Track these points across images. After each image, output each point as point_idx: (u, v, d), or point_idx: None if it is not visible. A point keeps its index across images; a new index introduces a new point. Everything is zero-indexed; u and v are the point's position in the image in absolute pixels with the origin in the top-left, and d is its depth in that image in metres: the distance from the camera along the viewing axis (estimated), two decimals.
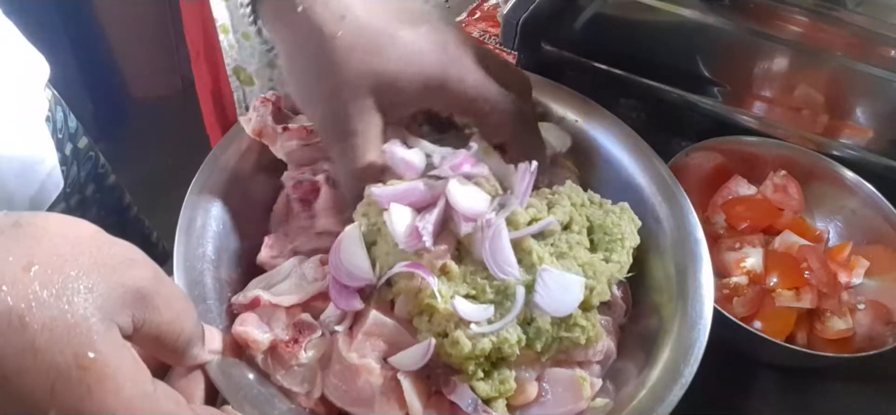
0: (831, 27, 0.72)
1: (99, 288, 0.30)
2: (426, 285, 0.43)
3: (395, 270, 0.44)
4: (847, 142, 0.73)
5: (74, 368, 0.28)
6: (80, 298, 0.29)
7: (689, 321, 0.47)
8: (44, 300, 0.28)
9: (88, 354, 0.28)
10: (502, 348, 0.43)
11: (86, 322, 0.29)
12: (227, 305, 0.46)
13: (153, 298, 0.33)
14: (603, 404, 0.45)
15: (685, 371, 0.44)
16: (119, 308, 0.31)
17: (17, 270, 0.28)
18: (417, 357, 0.43)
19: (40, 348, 0.28)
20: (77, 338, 0.28)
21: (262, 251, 0.50)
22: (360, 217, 0.47)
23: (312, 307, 0.46)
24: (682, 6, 0.75)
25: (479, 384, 0.43)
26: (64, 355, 0.28)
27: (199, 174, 0.51)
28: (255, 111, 0.54)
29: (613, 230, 0.50)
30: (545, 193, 0.51)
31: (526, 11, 0.77)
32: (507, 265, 0.45)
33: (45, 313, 0.28)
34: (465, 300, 0.43)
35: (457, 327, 0.43)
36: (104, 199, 0.88)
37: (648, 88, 0.78)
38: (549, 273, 0.44)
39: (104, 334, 0.29)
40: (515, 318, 0.43)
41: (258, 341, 0.43)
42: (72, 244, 0.31)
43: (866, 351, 0.58)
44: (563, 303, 0.44)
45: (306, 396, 0.43)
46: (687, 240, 0.51)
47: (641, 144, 0.57)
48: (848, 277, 0.66)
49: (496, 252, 0.45)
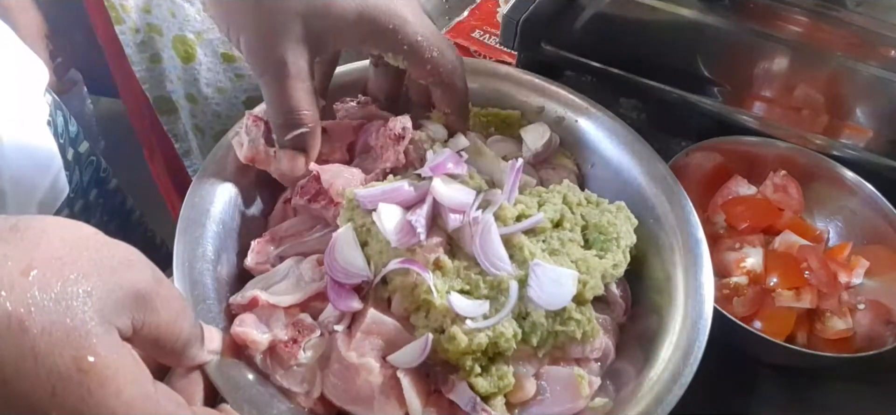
0: (831, 27, 0.72)
1: (98, 291, 0.30)
2: (422, 281, 0.43)
3: (390, 267, 0.44)
4: (847, 142, 0.73)
5: (74, 371, 0.28)
6: (79, 301, 0.29)
7: (689, 321, 0.47)
8: (43, 305, 0.28)
9: (88, 357, 0.29)
10: (498, 342, 0.43)
11: (85, 326, 0.29)
12: (225, 305, 0.46)
13: (152, 299, 0.33)
14: (602, 404, 0.45)
15: (685, 371, 0.44)
16: (118, 311, 0.31)
17: (15, 274, 0.28)
18: (415, 353, 0.43)
19: (40, 352, 0.28)
20: (76, 342, 0.28)
21: (249, 256, 0.49)
22: (345, 221, 0.47)
23: (311, 307, 0.46)
24: (682, 6, 0.75)
25: (478, 381, 0.43)
26: (64, 358, 0.28)
27: (199, 176, 0.51)
28: (246, 134, 0.51)
29: (609, 229, 0.50)
30: (538, 191, 0.52)
31: (526, 11, 0.77)
32: (498, 260, 0.45)
33: (44, 317, 0.28)
34: (460, 296, 0.43)
35: (453, 322, 0.43)
36: (107, 203, 0.88)
37: (648, 88, 0.78)
38: (541, 267, 0.45)
39: (103, 338, 0.29)
40: (510, 312, 0.44)
41: (257, 342, 0.43)
42: (70, 247, 0.31)
43: (866, 351, 0.58)
44: (557, 296, 0.44)
45: (306, 395, 0.43)
46: (687, 240, 0.51)
47: (641, 143, 0.57)
48: (848, 277, 0.66)
49: (486, 247, 0.45)
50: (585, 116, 0.60)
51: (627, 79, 0.78)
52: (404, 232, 0.45)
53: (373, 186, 0.49)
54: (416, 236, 0.45)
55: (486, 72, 0.64)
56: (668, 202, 0.54)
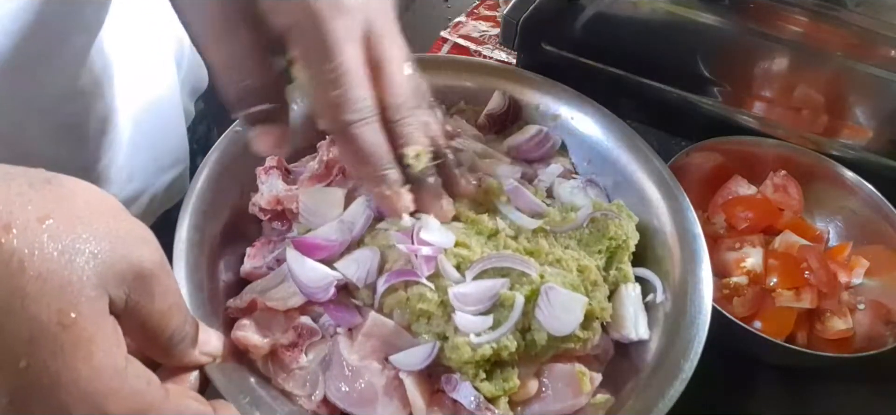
0: (831, 27, 0.72)
1: (104, 255, 0.31)
2: (415, 293, 0.43)
3: (380, 289, 0.44)
4: (847, 142, 0.73)
5: (55, 324, 0.29)
6: (82, 259, 0.30)
7: (688, 317, 0.47)
8: (47, 252, 0.29)
9: (71, 313, 0.29)
10: (501, 354, 0.43)
11: (79, 283, 0.29)
12: (224, 309, 0.46)
13: (151, 282, 0.33)
14: (603, 401, 0.45)
15: (685, 366, 0.44)
16: (116, 281, 0.31)
17: (31, 218, 0.29)
18: (420, 358, 0.43)
19: (29, 295, 0.28)
20: (66, 295, 0.29)
21: (245, 263, 0.49)
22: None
23: (310, 310, 0.46)
24: (682, 6, 0.75)
25: (483, 385, 0.43)
26: (49, 308, 0.28)
27: (197, 178, 0.50)
28: (262, 184, 0.51)
29: (618, 234, 0.50)
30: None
31: (526, 11, 0.77)
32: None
33: (44, 264, 0.28)
34: (465, 314, 0.43)
35: (456, 331, 0.43)
36: None
37: (648, 88, 0.78)
38: (554, 291, 0.44)
39: (92, 300, 0.30)
40: (513, 326, 0.43)
41: (258, 346, 0.43)
42: (92, 210, 0.31)
43: (866, 351, 0.58)
44: (565, 323, 0.44)
45: (308, 398, 0.43)
46: (685, 235, 0.52)
47: (640, 142, 0.57)
48: (848, 277, 0.66)
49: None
50: (586, 115, 0.60)
51: (627, 79, 0.78)
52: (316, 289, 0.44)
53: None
54: (326, 294, 0.44)
55: (485, 70, 0.64)
56: (666, 200, 0.54)
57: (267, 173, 0.52)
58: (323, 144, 0.53)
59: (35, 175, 0.31)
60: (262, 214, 0.51)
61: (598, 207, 0.52)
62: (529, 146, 0.59)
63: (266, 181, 0.51)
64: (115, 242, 0.31)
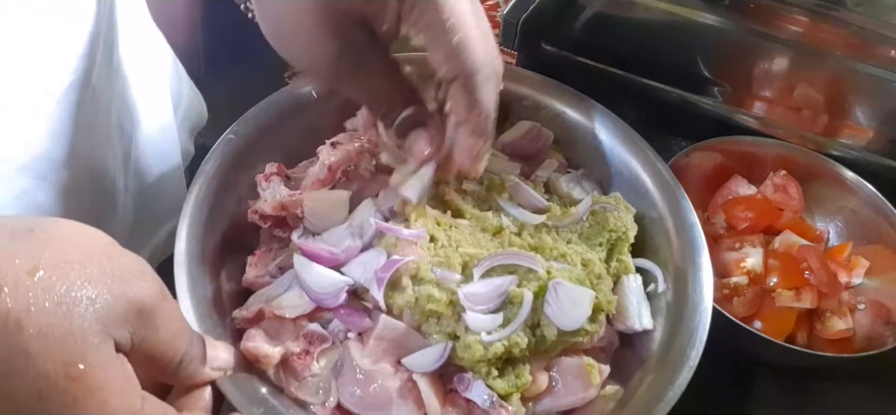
0: (831, 27, 0.72)
1: (102, 299, 0.30)
2: (424, 293, 0.43)
3: (380, 284, 0.44)
4: (847, 142, 0.74)
5: (63, 377, 0.28)
6: (81, 308, 0.29)
7: (690, 305, 0.48)
8: (43, 306, 0.28)
9: (78, 364, 0.28)
10: (513, 351, 0.43)
11: (82, 332, 0.29)
12: (229, 319, 0.46)
13: (153, 315, 0.33)
14: (613, 392, 0.46)
15: (691, 354, 0.45)
16: (118, 323, 0.31)
17: (21, 273, 0.28)
18: (433, 359, 0.43)
19: (33, 354, 0.27)
20: (70, 347, 0.28)
21: (247, 272, 0.49)
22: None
23: (319, 317, 0.45)
24: (682, 6, 0.75)
25: (496, 382, 0.43)
26: (55, 363, 0.28)
27: (193, 188, 0.49)
28: (263, 191, 0.51)
29: (617, 226, 0.51)
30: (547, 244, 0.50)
31: (526, 11, 0.77)
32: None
33: (42, 319, 0.28)
34: (475, 314, 0.43)
35: (467, 331, 0.43)
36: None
37: (648, 88, 0.78)
38: (562, 286, 0.45)
39: (98, 347, 0.29)
40: (523, 323, 0.44)
41: (269, 355, 0.42)
42: (82, 252, 0.31)
43: (866, 351, 0.58)
44: (572, 318, 0.44)
45: (322, 405, 0.43)
46: (682, 225, 0.52)
47: (640, 141, 0.58)
48: (848, 277, 0.66)
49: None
50: (586, 115, 0.60)
51: (627, 79, 0.78)
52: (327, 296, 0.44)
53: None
54: (337, 300, 0.44)
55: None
56: (662, 191, 0.54)
57: (268, 180, 0.51)
58: (323, 148, 0.53)
59: (16, 224, 0.30)
60: (262, 222, 0.51)
61: (597, 200, 0.53)
62: (523, 142, 0.59)
63: (268, 187, 0.51)
64: (112, 282, 0.31)
